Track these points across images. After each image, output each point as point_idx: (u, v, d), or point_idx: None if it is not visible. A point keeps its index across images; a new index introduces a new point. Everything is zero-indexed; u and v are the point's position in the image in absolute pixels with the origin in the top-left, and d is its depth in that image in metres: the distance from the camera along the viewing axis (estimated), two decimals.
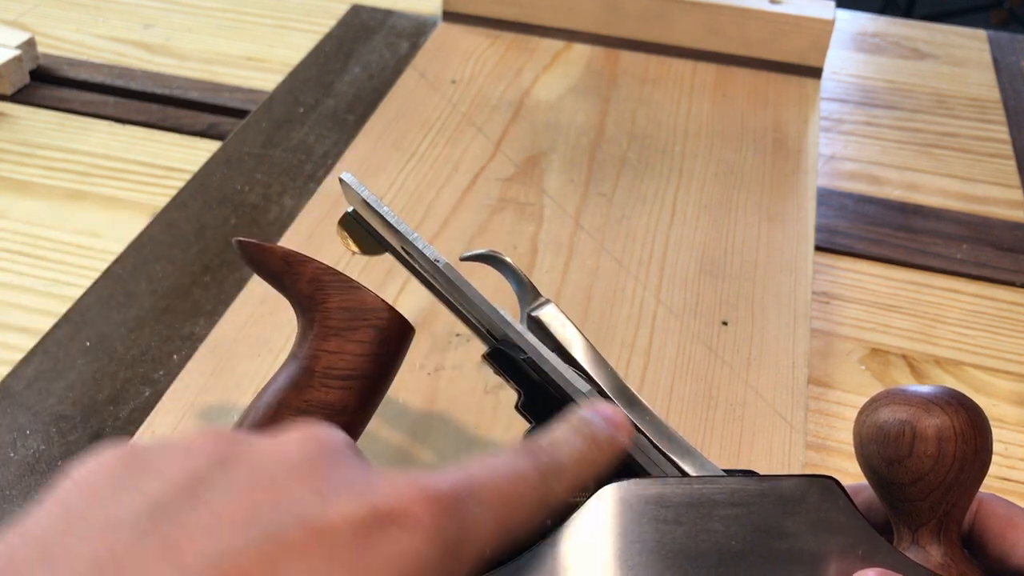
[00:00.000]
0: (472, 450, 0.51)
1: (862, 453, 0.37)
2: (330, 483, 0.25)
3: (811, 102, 0.82)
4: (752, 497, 0.36)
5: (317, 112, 0.78)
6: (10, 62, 0.78)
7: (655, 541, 0.35)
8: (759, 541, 0.36)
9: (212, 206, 0.68)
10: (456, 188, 0.69)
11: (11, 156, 0.73)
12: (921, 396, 0.36)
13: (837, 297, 0.65)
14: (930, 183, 0.76)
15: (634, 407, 0.39)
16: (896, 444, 0.35)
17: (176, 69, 0.84)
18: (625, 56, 0.87)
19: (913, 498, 0.36)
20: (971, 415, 0.35)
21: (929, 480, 0.35)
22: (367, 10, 0.93)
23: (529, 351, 0.38)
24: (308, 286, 0.38)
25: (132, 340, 0.57)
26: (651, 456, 0.38)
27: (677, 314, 0.60)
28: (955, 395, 0.36)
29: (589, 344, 0.40)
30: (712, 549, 0.36)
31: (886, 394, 0.37)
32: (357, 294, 0.38)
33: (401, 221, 0.40)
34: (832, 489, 0.37)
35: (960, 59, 0.93)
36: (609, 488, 0.36)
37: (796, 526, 0.36)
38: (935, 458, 0.35)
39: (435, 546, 0.25)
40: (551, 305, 0.41)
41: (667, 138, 0.77)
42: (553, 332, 0.40)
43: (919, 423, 0.35)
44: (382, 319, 0.38)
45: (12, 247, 0.64)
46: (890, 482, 0.36)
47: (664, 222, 0.68)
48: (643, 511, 0.36)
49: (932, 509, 0.36)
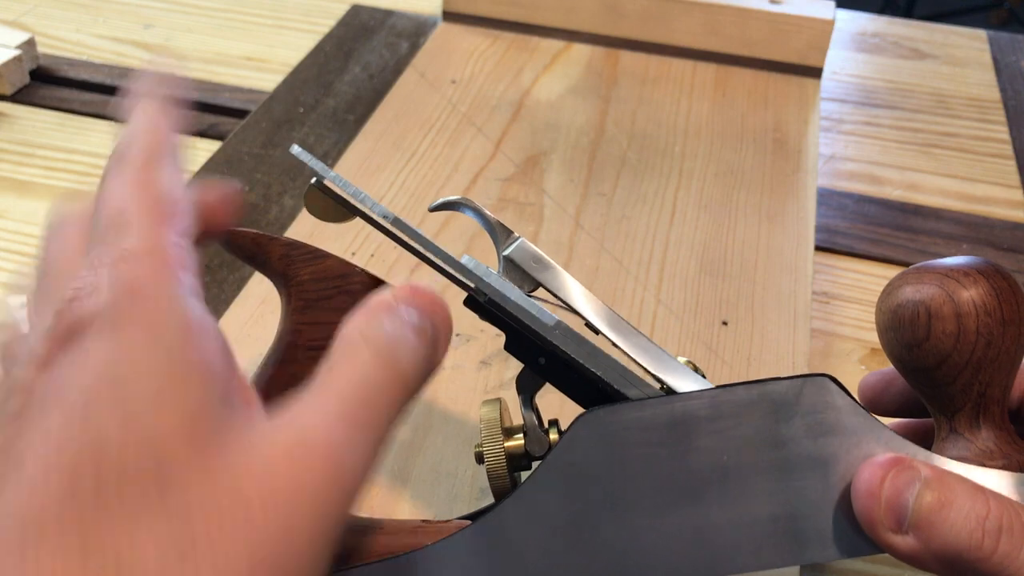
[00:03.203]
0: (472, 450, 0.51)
1: (883, 342, 0.34)
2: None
3: (811, 102, 0.82)
4: (740, 407, 0.34)
5: (317, 112, 0.78)
6: (10, 62, 0.78)
7: (641, 467, 0.34)
8: (753, 453, 0.33)
9: None
10: (456, 188, 0.69)
11: (11, 156, 0.73)
12: (938, 270, 0.33)
13: (837, 297, 0.65)
14: (930, 183, 0.76)
15: (621, 332, 0.38)
16: (912, 327, 0.33)
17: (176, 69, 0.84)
18: (625, 56, 0.87)
19: (941, 382, 0.33)
20: (993, 284, 0.32)
21: (954, 360, 0.32)
22: (367, 10, 0.93)
23: (489, 292, 0.38)
24: (279, 263, 0.38)
25: None
26: (632, 381, 0.37)
27: (677, 314, 0.60)
28: (976, 264, 0.33)
29: (566, 274, 0.39)
30: (702, 468, 0.33)
31: (903, 273, 0.34)
32: (325, 263, 0.38)
33: (352, 185, 0.40)
34: (827, 386, 0.34)
35: (960, 59, 0.93)
36: (587, 416, 0.35)
37: (792, 432, 0.33)
38: (955, 336, 0.32)
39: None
40: (522, 240, 0.40)
41: (667, 138, 0.77)
42: (526, 269, 0.40)
43: (934, 301, 0.32)
44: (355, 283, 0.37)
45: (12, 247, 0.64)
46: (914, 368, 0.33)
47: (664, 222, 0.68)
48: (624, 437, 0.34)
49: (964, 392, 0.33)
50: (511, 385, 0.55)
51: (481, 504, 0.49)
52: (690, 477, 0.34)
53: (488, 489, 0.49)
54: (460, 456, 0.51)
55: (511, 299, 0.38)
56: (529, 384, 0.39)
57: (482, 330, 0.58)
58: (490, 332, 0.58)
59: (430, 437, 0.52)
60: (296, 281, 0.38)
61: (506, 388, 0.55)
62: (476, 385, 0.55)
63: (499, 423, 0.38)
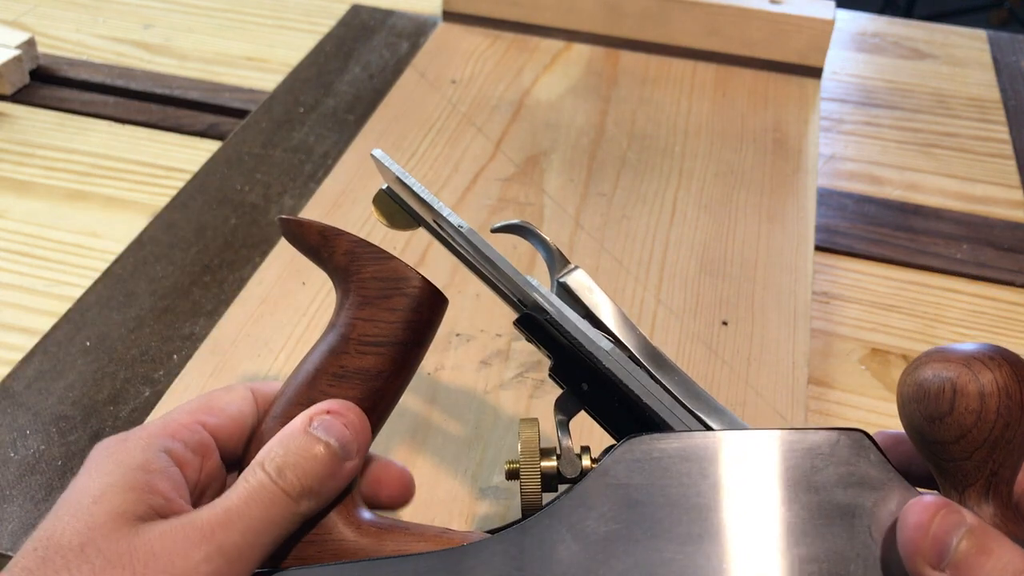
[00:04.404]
0: (472, 450, 0.51)
1: (904, 413, 0.36)
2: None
3: (811, 102, 0.82)
4: (779, 451, 0.36)
5: (317, 112, 0.78)
6: (10, 62, 0.78)
7: (680, 496, 0.35)
8: (788, 495, 0.35)
9: (212, 206, 0.68)
10: (456, 188, 0.69)
11: (11, 156, 0.73)
12: (963, 353, 0.35)
13: (837, 297, 0.65)
14: (930, 183, 0.76)
15: (662, 367, 0.40)
16: (937, 401, 0.34)
17: (176, 69, 0.84)
18: (625, 56, 0.87)
19: (957, 456, 0.34)
20: (1016, 370, 0.34)
21: (972, 437, 0.34)
22: (367, 10, 0.93)
23: (551, 312, 0.39)
24: (343, 258, 0.40)
25: (132, 340, 0.57)
26: (676, 413, 0.38)
27: (677, 314, 0.60)
28: (999, 351, 0.35)
29: (617, 308, 0.41)
30: (736, 505, 0.35)
31: (928, 353, 0.36)
32: (390, 264, 0.39)
33: (428, 192, 0.41)
34: (862, 442, 0.36)
35: (960, 59, 0.93)
36: (634, 440, 0.36)
37: (825, 480, 0.35)
38: (977, 414, 0.34)
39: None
40: (579, 271, 0.42)
41: (667, 138, 0.77)
42: (581, 296, 0.41)
43: (960, 379, 0.34)
44: (414, 288, 0.39)
45: (12, 247, 0.64)
46: (933, 440, 0.35)
47: (664, 222, 0.68)
48: (666, 465, 0.36)
49: (978, 468, 0.34)
50: (511, 385, 0.55)
51: (481, 504, 0.49)
52: (725, 512, 0.35)
53: (488, 490, 0.49)
54: (460, 456, 0.51)
55: (570, 320, 0.39)
56: (569, 408, 0.40)
57: (482, 330, 0.58)
58: (490, 332, 0.58)
59: (430, 437, 0.52)
60: (358, 278, 0.39)
61: (506, 388, 0.55)
62: (476, 385, 0.55)
63: (538, 445, 0.39)
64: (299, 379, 0.39)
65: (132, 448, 0.36)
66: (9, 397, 0.54)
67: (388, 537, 0.37)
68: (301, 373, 0.39)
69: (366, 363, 0.38)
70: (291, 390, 0.39)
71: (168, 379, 0.54)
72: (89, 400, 0.54)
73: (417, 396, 0.54)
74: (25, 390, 0.54)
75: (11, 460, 0.50)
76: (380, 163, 0.42)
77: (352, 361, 0.38)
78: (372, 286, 0.39)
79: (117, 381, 0.55)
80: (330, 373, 0.38)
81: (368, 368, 0.38)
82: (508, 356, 0.57)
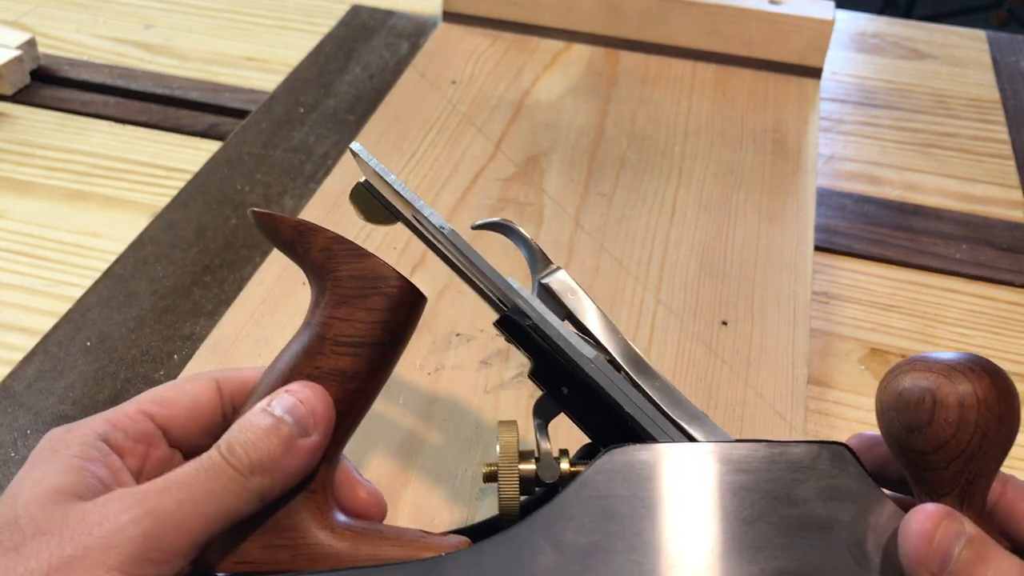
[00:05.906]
0: (472, 450, 0.51)
1: (883, 420, 0.36)
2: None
3: (811, 102, 0.82)
4: (760, 463, 0.36)
5: (317, 112, 0.78)
6: (10, 62, 0.78)
7: (658, 507, 0.35)
8: (767, 508, 0.35)
9: (212, 206, 0.68)
10: (456, 188, 0.69)
11: (11, 156, 0.73)
12: (943, 362, 0.35)
13: (837, 297, 0.65)
14: (929, 183, 0.76)
15: (644, 373, 0.39)
16: (916, 411, 0.34)
17: (176, 69, 0.84)
18: (625, 56, 0.87)
19: (935, 466, 0.35)
20: (996, 382, 0.34)
21: (951, 447, 0.34)
22: (367, 10, 0.93)
23: (534, 317, 0.39)
24: (320, 255, 0.38)
25: (132, 340, 0.57)
26: (658, 423, 0.38)
27: (677, 314, 0.60)
28: (979, 361, 0.35)
29: (599, 311, 0.40)
30: (718, 517, 0.35)
31: (908, 361, 0.36)
32: (367, 262, 0.38)
33: (408, 189, 0.40)
34: (843, 456, 0.36)
35: (960, 59, 0.93)
36: (612, 452, 0.36)
37: (806, 493, 0.35)
38: (956, 425, 0.34)
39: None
40: (561, 271, 0.41)
41: (667, 138, 0.77)
42: (563, 299, 0.40)
43: (940, 390, 0.34)
44: (392, 287, 0.38)
45: (12, 247, 0.64)
46: (911, 449, 0.35)
47: (664, 222, 0.68)
48: (646, 476, 0.36)
49: (955, 478, 0.35)
50: (511, 385, 0.55)
51: (481, 504, 0.49)
52: (706, 524, 0.35)
53: (487, 489, 0.49)
54: (460, 456, 0.51)
55: (553, 326, 0.39)
56: (548, 412, 0.40)
57: (482, 330, 0.58)
58: (490, 332, 0.58)
59: (430, 437, 0.52)
60: (335, 276, 0.38)
61: (506, 388, 0.55)
62: (476, 385, 0.55)
63: (516, 448, 0.39)
64: (272, 379, 0.38)
65: (72, 439, 0.37)
66: (10, 397, 0.54)
67: (363, 541, 0.36)
68: (274, 373, 0.38)
69: (342, 364, 0.37)
70: (264, 390, 0.38)
71: (168, 379, 0.54)
72: (90, 400, 0.54)
73: (417, 396, 0.54)
74: (26, 390, 0.54)
75: (11, 460, 0.50)
76: (359, 157, 0.41)
77: (327, 362, 0.37)
78: (349, 284, 0.38)
79: (118, 381, 0.55)
80: (304, 374, 0.37)
81: (344, 369, 0.37)
82: (508, 356, 0.57)
